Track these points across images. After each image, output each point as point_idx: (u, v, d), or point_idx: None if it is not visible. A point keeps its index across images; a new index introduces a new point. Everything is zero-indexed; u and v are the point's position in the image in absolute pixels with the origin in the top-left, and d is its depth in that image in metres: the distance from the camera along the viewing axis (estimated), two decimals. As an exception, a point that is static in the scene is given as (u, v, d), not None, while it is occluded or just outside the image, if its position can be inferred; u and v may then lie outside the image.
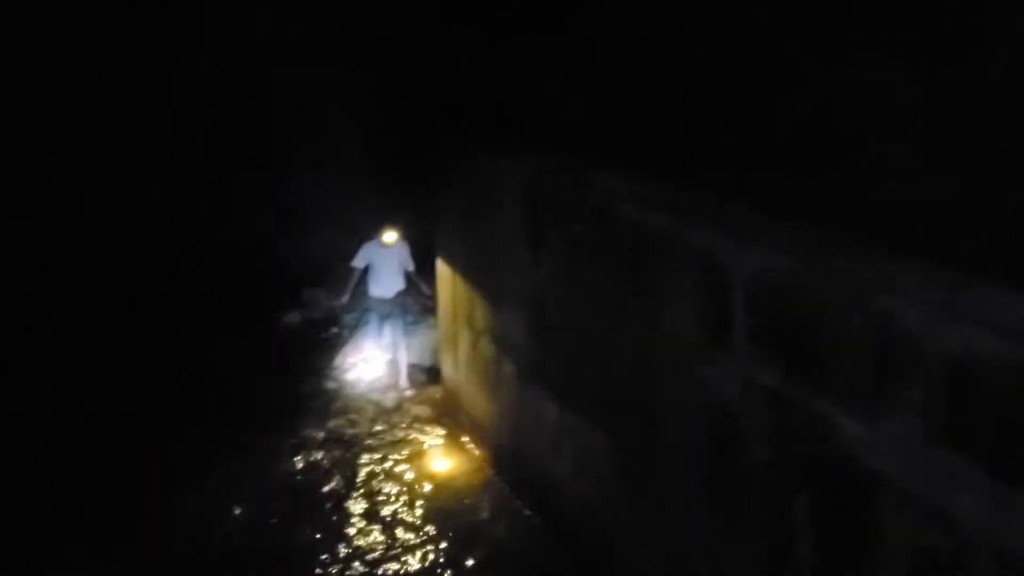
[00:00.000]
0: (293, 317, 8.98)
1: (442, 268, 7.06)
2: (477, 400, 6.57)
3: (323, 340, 8.63)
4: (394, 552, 5.54)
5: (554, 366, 5.23)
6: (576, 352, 4.93)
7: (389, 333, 7.93)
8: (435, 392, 7.57)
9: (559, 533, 5.41)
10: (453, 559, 5.45)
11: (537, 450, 5.57)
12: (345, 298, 7.94)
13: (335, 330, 8.81)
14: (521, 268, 5.45)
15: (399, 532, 5.74)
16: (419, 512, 5.97)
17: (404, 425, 7.21)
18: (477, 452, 6.61)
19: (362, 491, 6.22)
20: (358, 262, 7.72)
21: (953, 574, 2.56)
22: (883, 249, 3.19)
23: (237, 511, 5.90)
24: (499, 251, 5.79)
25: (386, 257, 7.71)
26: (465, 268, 6.51)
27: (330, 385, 7.85)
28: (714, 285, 3.54)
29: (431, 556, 5.49)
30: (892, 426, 2.76)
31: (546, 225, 5.08)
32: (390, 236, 7.62)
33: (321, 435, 7.00)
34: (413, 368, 7.87)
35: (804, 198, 3.71)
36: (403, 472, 6.49)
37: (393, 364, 7.88)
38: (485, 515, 5.89)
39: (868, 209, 3.44)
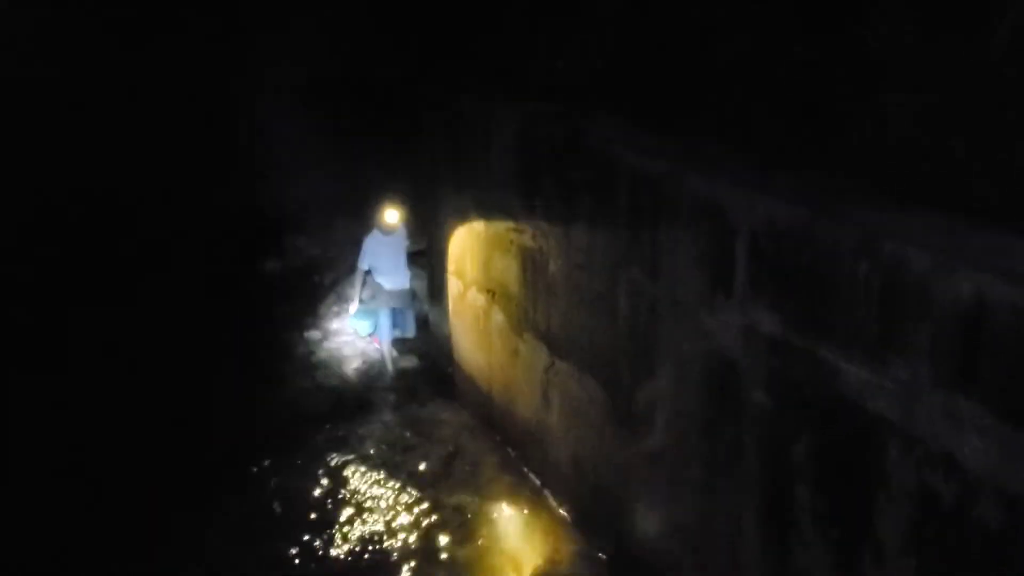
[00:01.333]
0: (273, 265, 8.87)
1: (427, 216, 6.97)
2: (466, 350, 6.55)
3: (304, 289, 8.54)
4: (376, 491, 5.59)
5: (546, 315, 5.20)
6: (569, 300, 4.91)
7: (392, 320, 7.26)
8: (422, 342, 7.54)
9: (550, 484, 5.46)
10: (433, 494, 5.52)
11: (527, 399, 5.58)
12: (355, 305, 7.18)
13: (316, 278, 8.72)
14: (513, 216, 5.38)
15: (380, 478, 5.78)
16: (403, 456, 6.00)
17: (390, 374, 7.20)
18: (465, 403, 6.61)
19: (345, 438, 6.25)
20: (363, 263, 6.95)
21: (957, 517, 2.60)
22: (890, 196, 3.17)
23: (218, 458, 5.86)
24: (490, 198, 5.71)
25: (391, 247, 6.93)
26: (452, 216, 6.42)
27: (315, 335, 7.79)
28: (717, 233, 3.51)
29: (412, 496, 5.55)
30: (897, 371, 2.77)
31: (540, 172, 5.00)
32: (391, 216, 6.70)
33: (306, 385, 6.98)
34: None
35: (806, 146, 3.68)
36: (388, 419, 6.51)
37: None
38: (472, 465, 5.93)
39: (873, 156, 3.42)
